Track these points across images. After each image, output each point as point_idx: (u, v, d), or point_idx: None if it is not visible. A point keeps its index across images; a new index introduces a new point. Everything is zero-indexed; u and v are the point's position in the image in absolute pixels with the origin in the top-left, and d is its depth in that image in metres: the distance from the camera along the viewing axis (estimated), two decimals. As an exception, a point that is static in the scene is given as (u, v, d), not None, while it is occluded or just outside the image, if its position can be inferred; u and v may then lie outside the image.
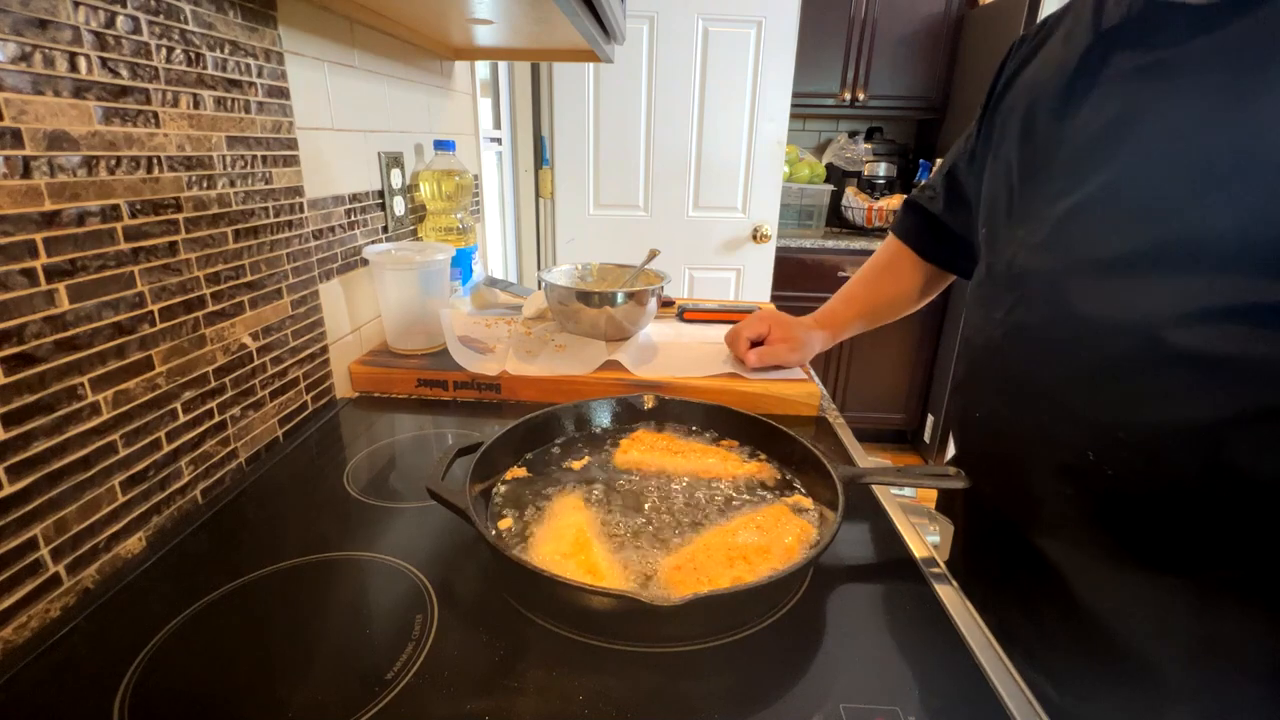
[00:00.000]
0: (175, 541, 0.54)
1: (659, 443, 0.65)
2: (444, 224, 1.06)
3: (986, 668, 0.42)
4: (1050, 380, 0.51)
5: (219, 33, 0.59)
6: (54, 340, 0.44)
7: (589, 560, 0.47)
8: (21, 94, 0.41)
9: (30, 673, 0.41)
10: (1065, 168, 0.51)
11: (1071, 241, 0.49)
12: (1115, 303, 0.46)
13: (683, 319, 1.11)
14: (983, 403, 0.59)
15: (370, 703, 0.38)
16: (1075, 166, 0.50)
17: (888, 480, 0.60)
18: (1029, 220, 0.54)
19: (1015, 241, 0.55)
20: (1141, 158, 0.45)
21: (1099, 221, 0.48)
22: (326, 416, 0.78)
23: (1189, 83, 0.43)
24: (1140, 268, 0.45)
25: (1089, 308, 0.48)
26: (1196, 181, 0.42)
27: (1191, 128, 0.43)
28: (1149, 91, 0.45)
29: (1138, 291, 0.45)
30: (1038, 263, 0.52)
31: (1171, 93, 0.44)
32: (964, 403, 0.63)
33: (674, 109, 2.07)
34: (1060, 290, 0.50)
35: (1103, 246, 0.47)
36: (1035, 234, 0.52)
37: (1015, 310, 0.54)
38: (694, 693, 0.40)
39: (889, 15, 2.43)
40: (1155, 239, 0.44)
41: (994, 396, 0.58)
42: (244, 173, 0.63)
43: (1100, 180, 0.47)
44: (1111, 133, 0.47)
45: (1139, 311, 0.45)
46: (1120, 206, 0.46)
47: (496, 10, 0.82)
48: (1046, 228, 0.51)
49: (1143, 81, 0.46)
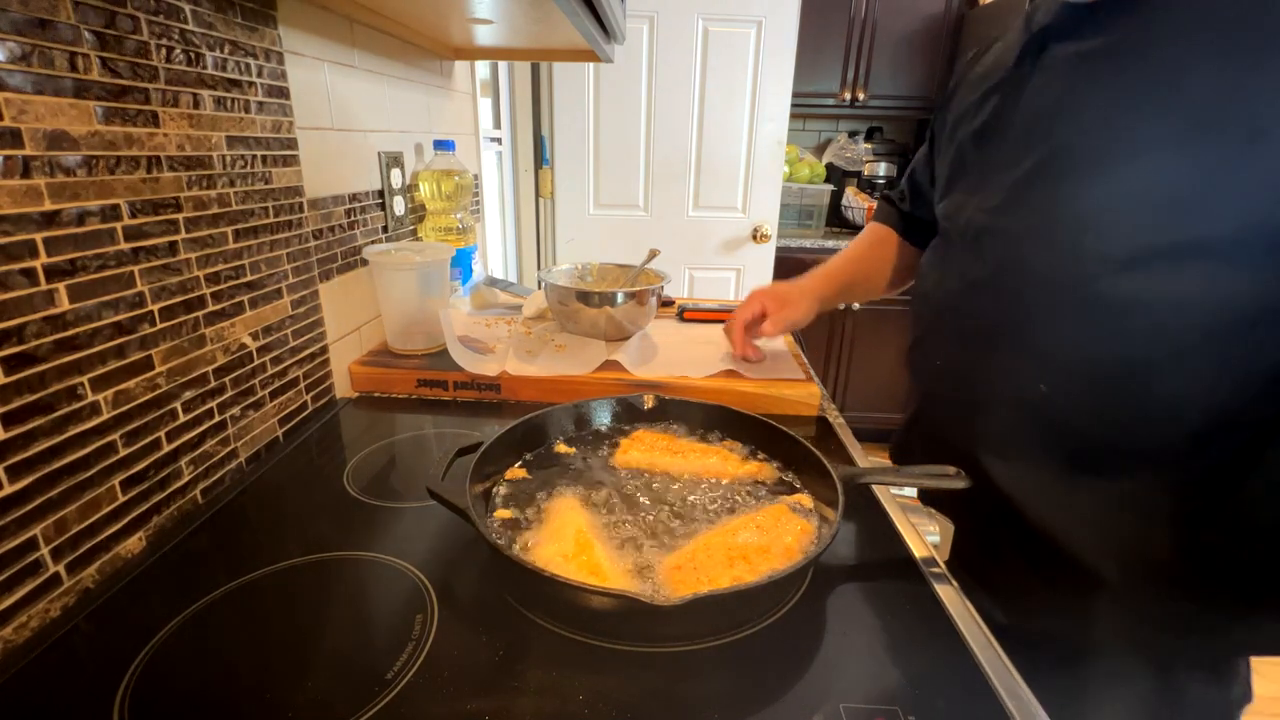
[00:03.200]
0: (175, 541, 0.54)
1: (659, 443, 0.65)
2: (444, 224, 1.06)
3: (986, 668, 0.42)
4: (1006, 325, 0.58)
5: (219, 32, 0.59)
6: (54, 340, 0.44)
7: (590, 560, 0.47)
8: (21, 94, 0.41)
9: (30, 673, 0.41)
10: (1014, 143, 0.58)
11: (1021, 205, 0.57)
12: (1059, 254, 0.54)
13: (683, 319, 1.11)
14: (943, 351, 0.66)
15: (370, 703, 0.38)
16: (1023, 141, 0.57)
17: (888, 480, 0.60)
18: (984, 189, 0.61)
19: (972, 207, 0.62)
20: (1078, 130, 0.53)
21: (1044, 186, 0.55)
22: (326, 416, 0.78)
23: (1109, 66, 0.51)
24: (1080, 223, 0.52)
25: (1037, 260, 0.55)
26: (1125, 146, 0.49)
27: (1118, 102, 0.50)
28: (1079, 75, 0.53)
29: (1077, 244, 0.52)
30: (993, 224, 0.59)
31: (1098, 75, 0.52)
32: (924, 353, 0.70)
33: (674, 109, 2.07)
34: (1013, 246, 0.57)
35: (1048, 207, 0.54)
36: (990, 200, 0.60)
37: (973, 266, 0.61)
38: (694, 693, 0.40)
39: (889, 15, 2.43)
40: (1094, 199, 0.51)
41: (955, 344, 0.65)
42: (244, 173, 0.63)
43: (1045, 150, 0.55)
44: (1052, 111, 0.55)
45: (1079, 261, 0.52)
46: (1062, 173, 0.53)
47: (496, 10, 0.82)
48: (1001, 194, 0.58)
49: (1072, 68, 0.54)
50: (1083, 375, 0.54)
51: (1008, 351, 0.58)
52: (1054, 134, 0.54)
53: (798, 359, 0.92)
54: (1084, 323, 0.53)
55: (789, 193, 2.60)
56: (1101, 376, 0.53)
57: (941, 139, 0.71)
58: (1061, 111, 0.54)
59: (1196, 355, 0.49)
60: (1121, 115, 0.50)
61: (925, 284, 0.70)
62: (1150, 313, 0.50)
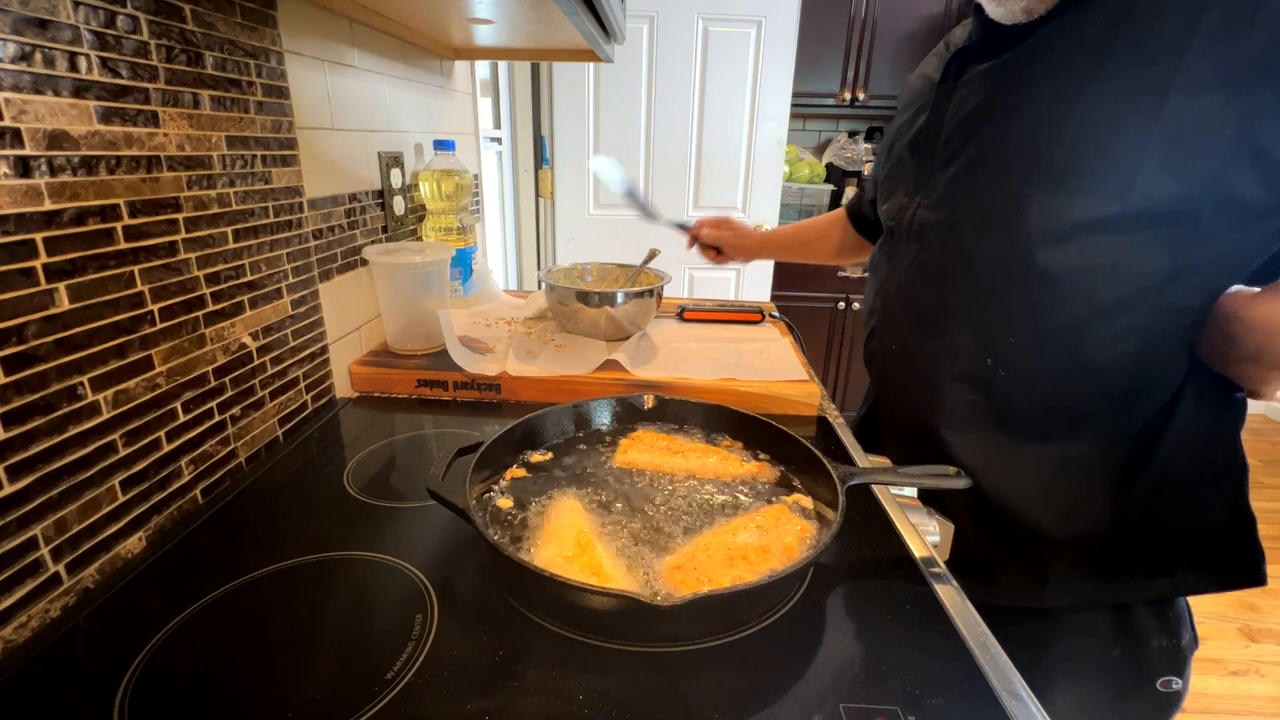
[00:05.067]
0: (175, 541, 0.54)
1: (659, 443, 0.65)
2: (444, 224, 1.06)
3: (986, 668, 0.43)
4: (953, 305, 0.65)
5: (219, 32, 0.59)
6: (54, 340, 0.44)
7: (591, 561, 0.47)
8: (21, 94, 0.41)
9: (30, 673, 0.41)
10: (946, 146, 0.65)
11: (958, 198, 0.63)
12: (992, 237, 0.60)
13: (683, 319, 1.11)
14: (897, 336, 0.73)
15: (370, 703, 0.38)
16: (954, 143, 0.64)
17: (888, 480, 0.60)
18: (924, 188, 0.68)
19: (914, 204, 0.69)
20: (997, 131, 0.60)
21: (974, 180, 0.62)
22: (326, 416, 0.78)
23: (1021, 73, 0.59)
24: (1007, 209, 0.58)
25: (975, 243, 0.62)
26: (1038, 140, 0.56)
27: (1031, 101, 0.57)
28: (994, 87, 0.61)
29: (1008, 226, 0.58)
30: (934, 217, 0.66)
31: (1012, 82, 0.59)
32: (880, 341, 0.76)
33: (674, 109, 2.07)
34: (953, 234, 0.64)
35: (978, 197, 0.61)
36: (930, 196, 0.67)
37: (920, 256, 0.68)
38: (694, 693, 0.40)
39: (889, 15, 2.43)
40: (1015, 187, 0.57)
41: (907, 328, 0.71)
42: (244, 173, 0.63)
43: (974, 149, 0.62)
44: (975, 118, 0.62)
45: (1011, 241, 0.58)
46: (988, 168, 0.61)
47: (496, 10, 0.82)
48: (939, 191, 0.65)
49: (987, 80, 0.62)
50: (1023, 344, 0.60)
51: (955, 331, 0.65)
52: (980, 134, 0.61)
53: (798, 358, 0.92)
54: (1021, 295, 0.59)
55: (789, 193, 2.60)
56: (1038, 342, 0.59)
57: (882, 154, 0.81)
58: (986, 115, 0.61)
59: (1121, 313, 0.56)
60: (1043, 112, 0.56)
61: (878, 277, 0.77)
62: (1080, 281, 0.56)
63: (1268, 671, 1.68)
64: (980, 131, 0.61)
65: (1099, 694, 0.66)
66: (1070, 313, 0.57)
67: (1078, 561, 0.63)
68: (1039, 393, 0.61)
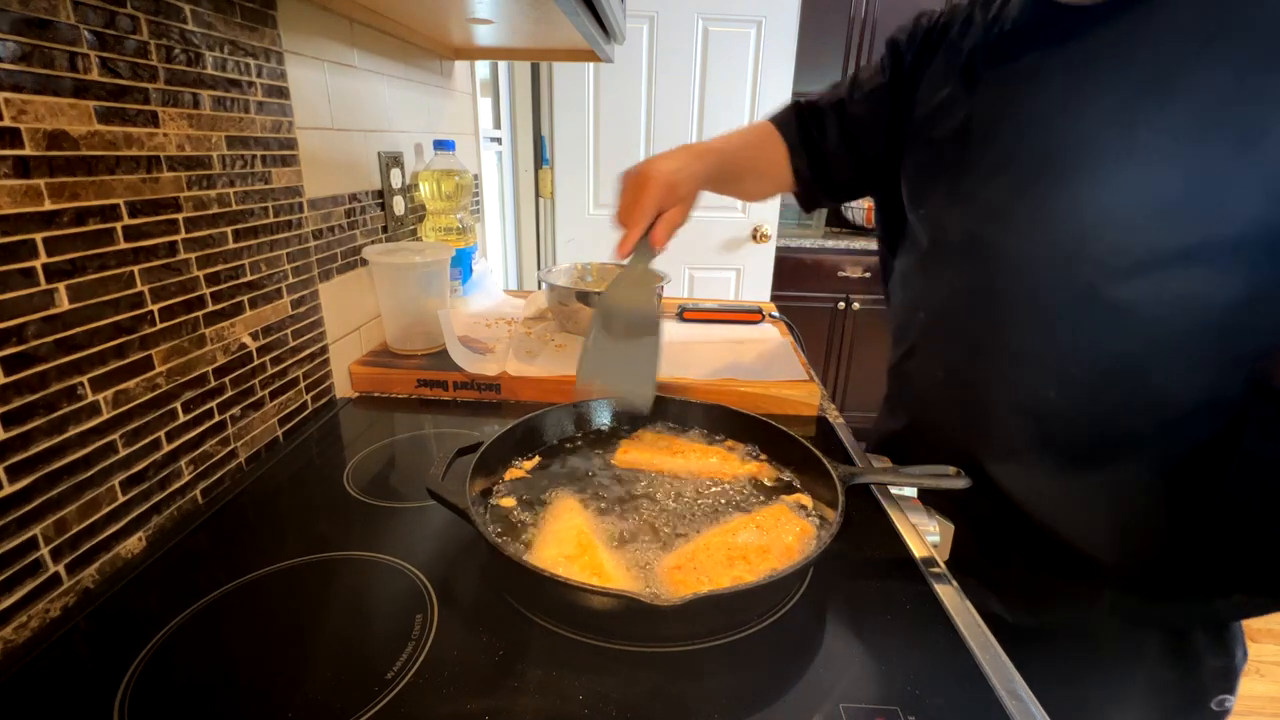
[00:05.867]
0: (175, 541, 0.54)
1: (659, 443, 0.65)
2: (444, 224, 1.06)
3: (986, 668, 0.42)
4: (1007, 333, 0.58)
5: (219, 32, 0.59)
6: (54, 340, 0.44)
7: (591, 561, 0.47)
8: (21, 94, 0.41)
9: (30, 673, 0.41)
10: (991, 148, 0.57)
11: (1010, 214, 0.56)
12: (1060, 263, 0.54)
13: (682, 319, 1.11)
14: (942, 361, 0.65)
15: (370, 703, 0.38)
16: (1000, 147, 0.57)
17: (888, 480, 0.60)
18: (975, 198, 0.59)
19: (962, 215, 0.61)
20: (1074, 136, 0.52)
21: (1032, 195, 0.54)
22: (326, 416, 0.78)
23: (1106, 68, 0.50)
24: (1081, 232, 0.52)
25: (1037, 268, 0.55)
26: (1124, 152, 0.49)
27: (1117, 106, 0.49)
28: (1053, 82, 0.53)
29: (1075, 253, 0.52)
30: (987, 232, 0.58)
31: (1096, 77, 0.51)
32: (920, 364, 0.69)
33: (674, 109, 2.07)
34: (1007, 256, 0.57)
35: (1037, 216, 0.54)
36: (982, 208, 0.59)
37: (969, 275, 0.60)
38: (694, 693, 0.40)
39: (889, 15, 2.42)
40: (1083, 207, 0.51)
41: (953, 353, 0.64)
42: (243, 173, 0.63)
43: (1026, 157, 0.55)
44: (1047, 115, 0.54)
45: (1081, 269, 0.52)
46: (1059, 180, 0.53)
47: (496, 10, 0.82)
48: (987, 202, 0.58)
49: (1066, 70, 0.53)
50: (1087, 377, 0.55)
51: (1011, 360, 0.59)
52: (1037, 139, 0.54)
53: (798, 358, 0.92)
54: (1087, 326, 0.54)
55: (789, 193, 2.59)
56: (1101, 374, 0.54)
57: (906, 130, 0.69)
58: (1045, 116, 0.53)
59: (1194, 344, 0.51)
60: (1120, 119, 0.49)
61: (910, 293, 0.69)
62: (1153, 311, 0.51)
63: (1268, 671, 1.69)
64: (1037, 135, 0.54)
65: (1150, 717, 0.63)
66: (1140, 344, 0.52)
67: (1132, 585, 0.60)
68: (1099, 422, 0.57)
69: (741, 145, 0.78)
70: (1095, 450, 0.57)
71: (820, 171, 0.76)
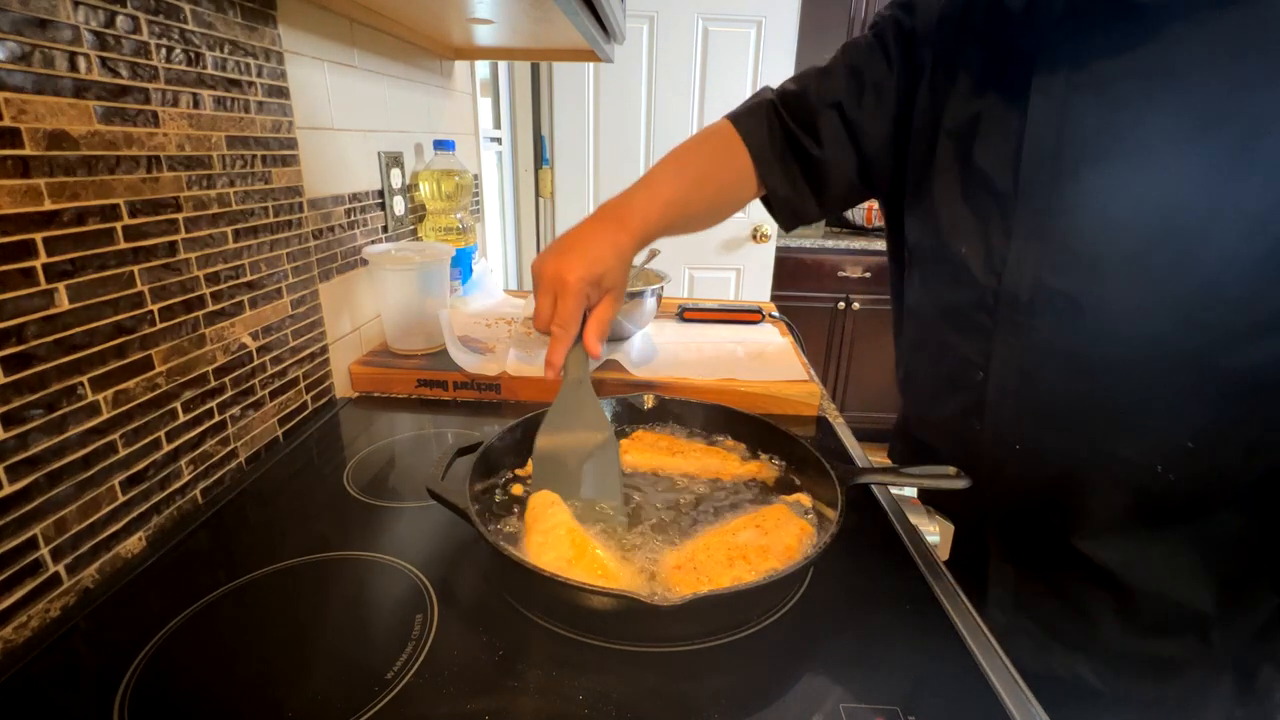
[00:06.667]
0: (175, 541, 0.54)
1: (659, 443, 0.65)
2: (444, 224, 1.06)
3: (986, 668, 0.42)
4: (1101, 402, 0.51)
5: (219, 32, 0.59)
6: (54, 340, 0.44)
7: (592, 561, 0.47)
8: (21, 94, 0.41)
9: (30, 673, 0.41)
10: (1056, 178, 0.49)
11: (1097, 263, 0.48)
12: (1163, 326, 0.47)
13: (683, 319, 1.11)
14: (1018, 430, 0.56)
15: (370, 703, 0.38)
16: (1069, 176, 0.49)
17: (888, 480, 0.60)
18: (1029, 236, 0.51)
19: (1032, 262, 0.51)
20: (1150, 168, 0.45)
21: (1122, 241, 0.47)
22: (326, 416, 0.78)
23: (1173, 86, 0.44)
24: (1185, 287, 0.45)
25: (1134, 332, 0.48)
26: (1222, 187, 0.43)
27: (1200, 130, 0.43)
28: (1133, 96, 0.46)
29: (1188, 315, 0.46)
30: (1064, 286, 0.50)
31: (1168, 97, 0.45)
32: (993, 434, 0.58)
33: (674, 109, 2.07)
34: (1098, 315, 0.49)
35: (1135, 268, 0.47)
36: (1056, 255, 0.50)
37: (1051, 333, 0.51)
38: (694, 693, 0.40)
39: (889, 15, 2.42)
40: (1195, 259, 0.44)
41: (1031, 422, 0.55)
42: (244, 172, 0.63)
43: (1107, 190, 0.47)
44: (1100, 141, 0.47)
45: (1192, 331, 0.46)
46: (1143, 225, 0.46)
47: (496, 10, 0.82)
48: (1062, 247, 0.49)
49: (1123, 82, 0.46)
50: (1200, 448, 0.49)
51: (1108, 432, 0.52)
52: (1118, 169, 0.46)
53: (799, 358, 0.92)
54: (1203, 395, 0.48)
55: (789, 193, 2.59)
56: (1217, 444, 0.49)
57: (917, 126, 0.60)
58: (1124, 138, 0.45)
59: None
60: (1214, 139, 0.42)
61: (958, 342, 0.58)
62: (1276, 372, 0.45)
63: (1267, 671, 1.68)
64: (1117, 165, 0.46)
65: None
66: (1263, 410, 0.47)
67: (1233, 631, 0.56)
68: (1202, 486, 0.52)
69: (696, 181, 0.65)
70: (1190, 507, 0.53)
71: (815, 181, 0.67)
